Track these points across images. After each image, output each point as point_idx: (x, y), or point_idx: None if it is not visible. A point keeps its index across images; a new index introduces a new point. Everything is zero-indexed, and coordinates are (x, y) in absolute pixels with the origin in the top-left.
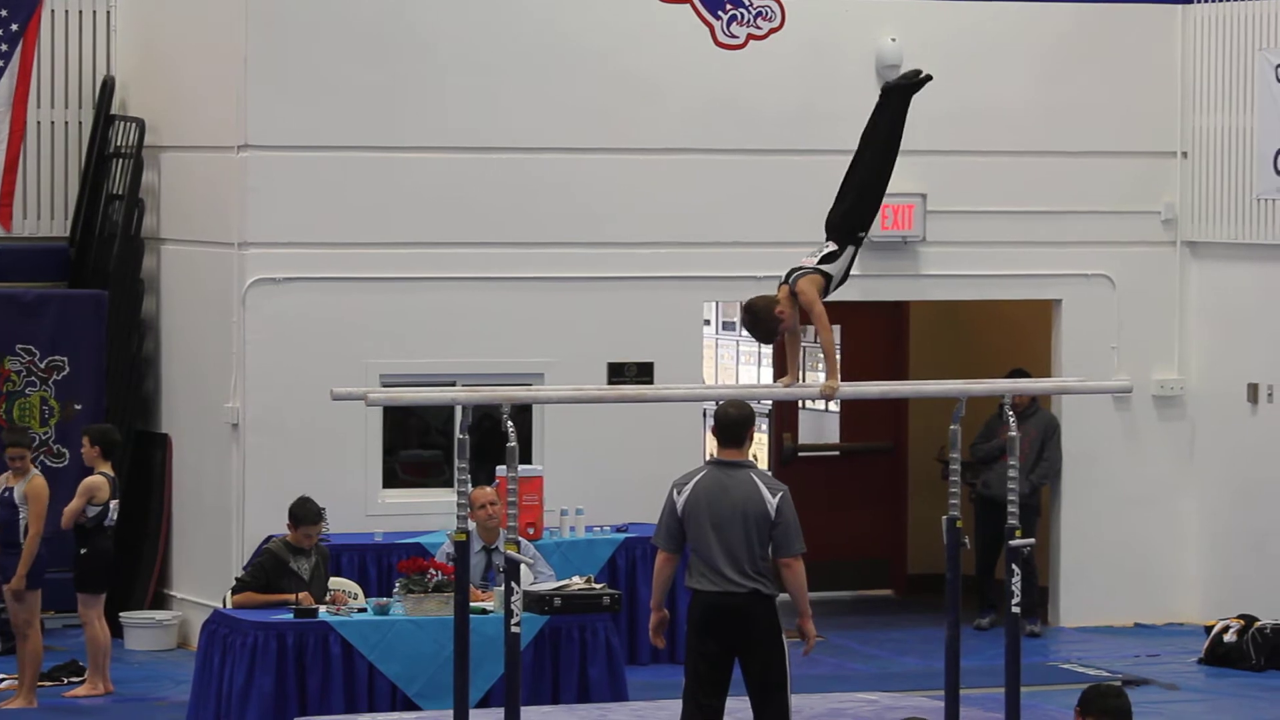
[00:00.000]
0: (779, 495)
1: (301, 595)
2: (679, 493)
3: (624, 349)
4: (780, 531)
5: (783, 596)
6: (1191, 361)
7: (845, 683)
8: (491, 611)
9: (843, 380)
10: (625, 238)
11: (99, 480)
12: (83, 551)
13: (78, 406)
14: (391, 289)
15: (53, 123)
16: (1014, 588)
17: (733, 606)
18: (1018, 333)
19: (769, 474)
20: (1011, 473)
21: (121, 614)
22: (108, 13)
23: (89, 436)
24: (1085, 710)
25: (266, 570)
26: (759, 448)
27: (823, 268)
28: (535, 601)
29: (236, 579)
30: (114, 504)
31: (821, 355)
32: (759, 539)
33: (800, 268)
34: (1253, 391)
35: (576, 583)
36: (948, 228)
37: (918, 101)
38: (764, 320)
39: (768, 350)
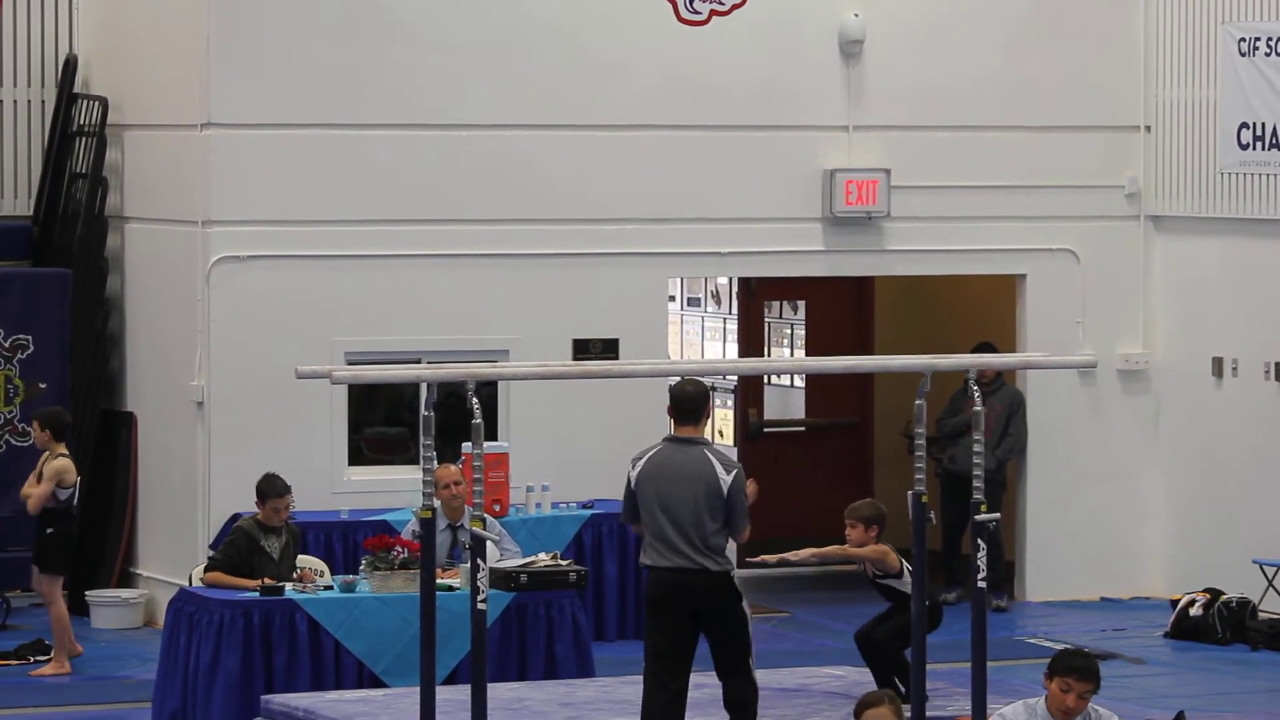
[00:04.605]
0: (733, 473)
1: (264, 579)
2: (633, 467)
3: (589, 325)
4: (731, 510)
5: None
6: (1156, 336)
7: (812, 658)
8: (457, 588)
9: (807, 355)
10: (590, 214)
11: (66, 464)
12: (48, 531)
13: (42, 385)
14: (356, 266)
15: (15, 101)
16: (980, 562)
17: (686, 583)
18: (983, 308)
19: (724, 452)
20: (977, 448)
21: (87, 592)
22: None
23: (38, 420)
24: (1053, 672)
25: (239, 549)
26: (725, 423)
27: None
28: (501, 578)
29: (209, 557)
30: (75, 482)
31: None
32: (710, 515)
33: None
34: (1217, 365)
35: (542, 559)
36: (912, 203)
37: (882, 77)
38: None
39: (733, 326)
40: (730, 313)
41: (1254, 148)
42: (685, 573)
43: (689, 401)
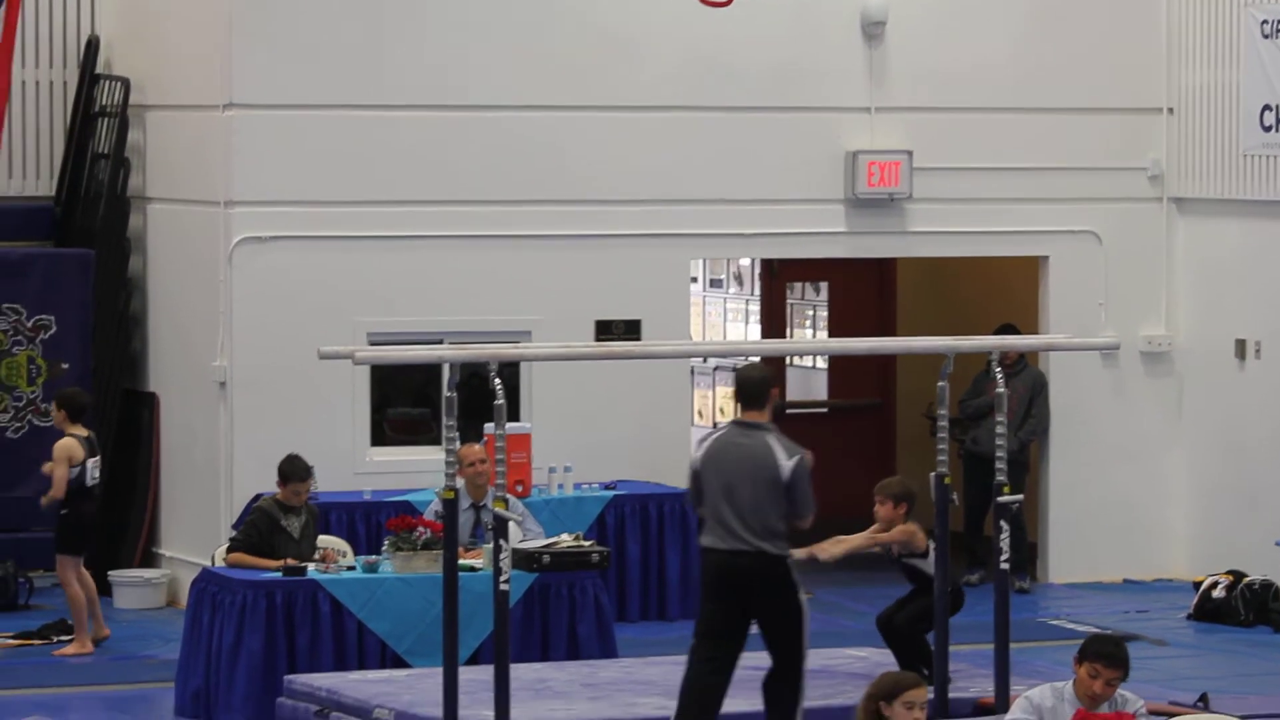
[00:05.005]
0: (795, 458)
1: (288, 559)
2: (697, 449)
3: (611, 307)
4: (791, 495)
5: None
6: (1179, 317)
7: (835, 639)
8: (480, 569)
9: (830, 337)
10: (612, 195)
11: (70, 442)
12: (63, 512)
13: (65, 365)
14: (378, 247)
15: (38, 82)
16: (1003, 544)
17: (741, 567)
18: (1005, 289)
19: (787, 438)
20: (1000, 429)
21: (110, 572)
22: None
23: (55, 402)
24: (1082, 657)
25: (259, 529)
26: None
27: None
28: (524, 559)
29: (230, 539)
30: (92, 464)
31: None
32: (770, 500)
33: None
34: (1240, 347)
35: (565, 540)
36: (935, 185)
37: (903, 58)
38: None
39: (755, 307)
40: (753, 294)
41: (1276, 129)
42: (742, 556)
43: (753, 386)
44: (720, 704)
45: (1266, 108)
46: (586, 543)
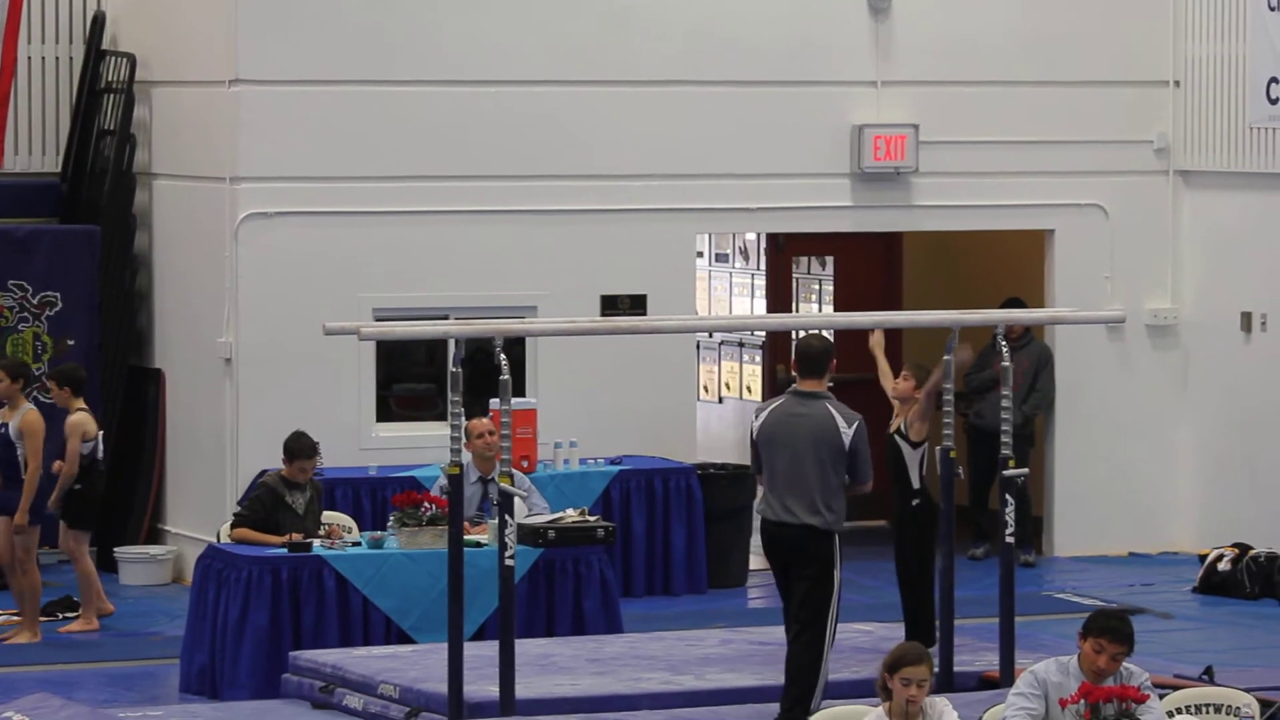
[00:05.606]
0: (854, 425)
1: (293, 535)
2: (755, 418)
3: (617, 281)
4: (853, 462)
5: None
6: (1185, 290)
7: (841, 613)
8: (485, 544)
9: (836, 311)
10: (617, 170)
11: (84, 417)
12: (76, 487)
13: (70, 342)
14: (384, 223)
15: (43, 58)
16: (1008, 518)
17: (786, 537)
18: (1011, 263)
19: (845, 406)
20: (1005, 403)
21: (116, 549)
22: None
23: (55, 380)
24: (1087, 632)
25: (264, 504)
26: (754, 379)
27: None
28: (529, 534)
29: (234, 514)
30: (100, 437)
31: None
32: (833, 469)
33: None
34: (1246, 320)
35: (570, 515)
36: (940, 158)
37: (909, 32)
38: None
39: (761, 282)
40: (758, 268)
41: None
42: (786, 528)
43: (813, 355)
44: None
45: (1273, 80)
46: (592, 518)
